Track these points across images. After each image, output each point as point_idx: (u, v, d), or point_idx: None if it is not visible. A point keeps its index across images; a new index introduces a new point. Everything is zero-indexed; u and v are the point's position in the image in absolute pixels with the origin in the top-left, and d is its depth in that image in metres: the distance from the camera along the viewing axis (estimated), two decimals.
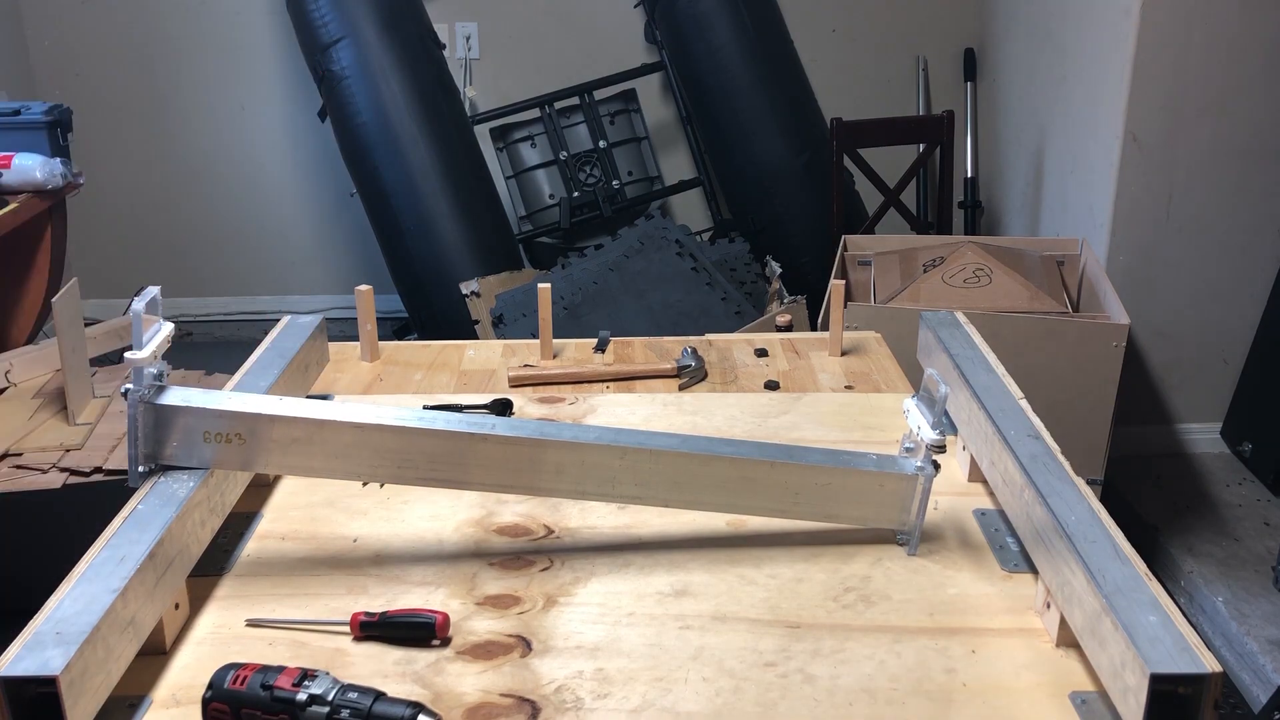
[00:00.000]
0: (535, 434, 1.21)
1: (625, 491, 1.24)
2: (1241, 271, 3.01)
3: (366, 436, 1.18)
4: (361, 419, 1.18)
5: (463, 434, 1.19)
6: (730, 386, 1.73)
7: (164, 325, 1.21)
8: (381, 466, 1.20)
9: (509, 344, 1.92)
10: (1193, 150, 2.89)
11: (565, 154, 3.84)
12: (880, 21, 4.09)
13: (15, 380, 2.81)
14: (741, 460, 1.23)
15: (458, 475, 1.21)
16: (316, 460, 1.20)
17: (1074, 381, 2.50)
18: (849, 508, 1.26)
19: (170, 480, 1.20)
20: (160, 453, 1.19)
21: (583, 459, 1.21)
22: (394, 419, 1.19)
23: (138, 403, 1.16)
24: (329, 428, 1.18)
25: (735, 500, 1.25)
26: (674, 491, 1.24)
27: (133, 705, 1.02)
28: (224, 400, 1.18)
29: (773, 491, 1.24)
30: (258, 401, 1.19)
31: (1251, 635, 2.42)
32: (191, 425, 1.18)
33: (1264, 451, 2.99)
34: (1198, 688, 0.90)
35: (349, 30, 3.46)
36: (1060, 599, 1.07)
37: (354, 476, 1.24)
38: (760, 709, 1.01)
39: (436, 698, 1.02)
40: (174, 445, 1.19)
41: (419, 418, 1.20)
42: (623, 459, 1.21)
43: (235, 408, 1.17)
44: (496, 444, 1.20)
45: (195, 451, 1.19)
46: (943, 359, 1.52)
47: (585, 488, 1.23)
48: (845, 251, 3.00)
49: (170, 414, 1.17)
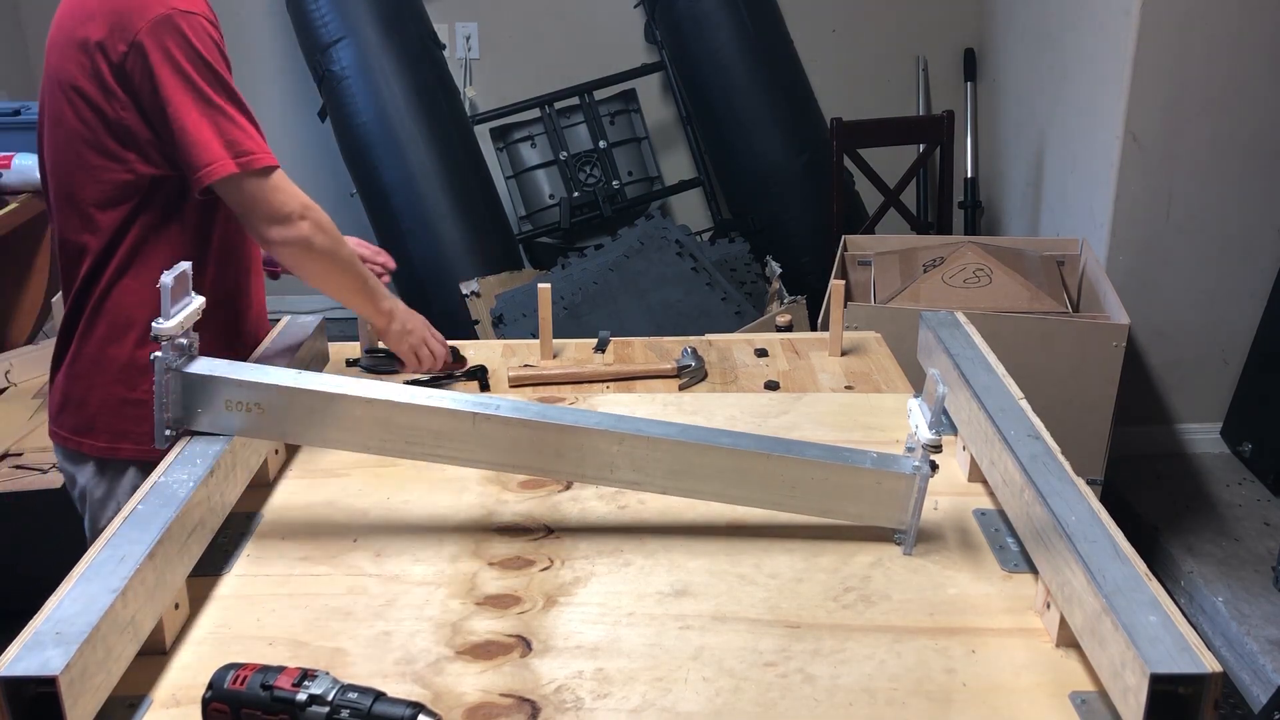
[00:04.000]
0: (537, 416, 1.24)
1: (623, 477, 1.26)
2: (1241, 271, 3.01)
3: (375, 411, 1.24)
4: (372, 394, 1.24)
5: (466, 413, 1.23)
6: (730, 386, 1.73)
7: (194, 299, 1.29)
8: (389, 441, 1.25)
9: (509, 344, 1.92)
10: (1193, 150, 2.89)
11: (565, 154, 3.84)
12: (880, 21, 4.08)
13: (15, 380, 2.81)
14: (739, 451, 1.24)
15: (461, 453, 1.25)
16: (330, 431, 1.26)
17: (1074, 381, 2.50)
18: (845, 504, 1.26)
19: (170, 479, 1.20)
20: (185, 419, 1.27)
21: (582, 442, 1.24)
22: (403, 395, 1.24)
23: (165, 370, 1.24)
24: (341, 401, 1.24)
25: (731, 490, 1.26)
26: (671, 479, 1.26)
27: (133, 705, 1.02)
28: (246, 372, 1.27)
29: (769, 483, 1.25)
30: (277, 374, 1.26)
31: (1251, 635, 2.41)
32: (215, 394, 1.26)
33: (1264, 451, 2.98)
34: (1198, 688, 0.90)
35: (349, 30, 3.46)
36: (1060, 599, 1.07)
37: (365, 449, 1.28)
38: (760, 709, 1.01)
39: (436, 698, 1.02)
40: (198, 412, 1.26)
41: (427, 395, 1.25)
42: (621, 445, 1.23)
43: (256, 379, 1.25)
44: (499, 424, 1.23)
45: (218, 419, 1.27)
46: (943, 359, 1.52)
47: (584, 470, 1.26)
48: (845, 251, 3.00)
49: (196, 382, 1.25)
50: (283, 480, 1.43)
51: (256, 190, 1.46)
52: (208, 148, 1.43)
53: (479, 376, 1.74)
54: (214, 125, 1.44)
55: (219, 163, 1.43)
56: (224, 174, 1.44)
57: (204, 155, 1.43)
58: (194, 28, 1.44)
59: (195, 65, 1.43)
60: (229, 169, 1.44)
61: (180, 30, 1.42)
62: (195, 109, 1.43)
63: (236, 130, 1.45)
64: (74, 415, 1.61)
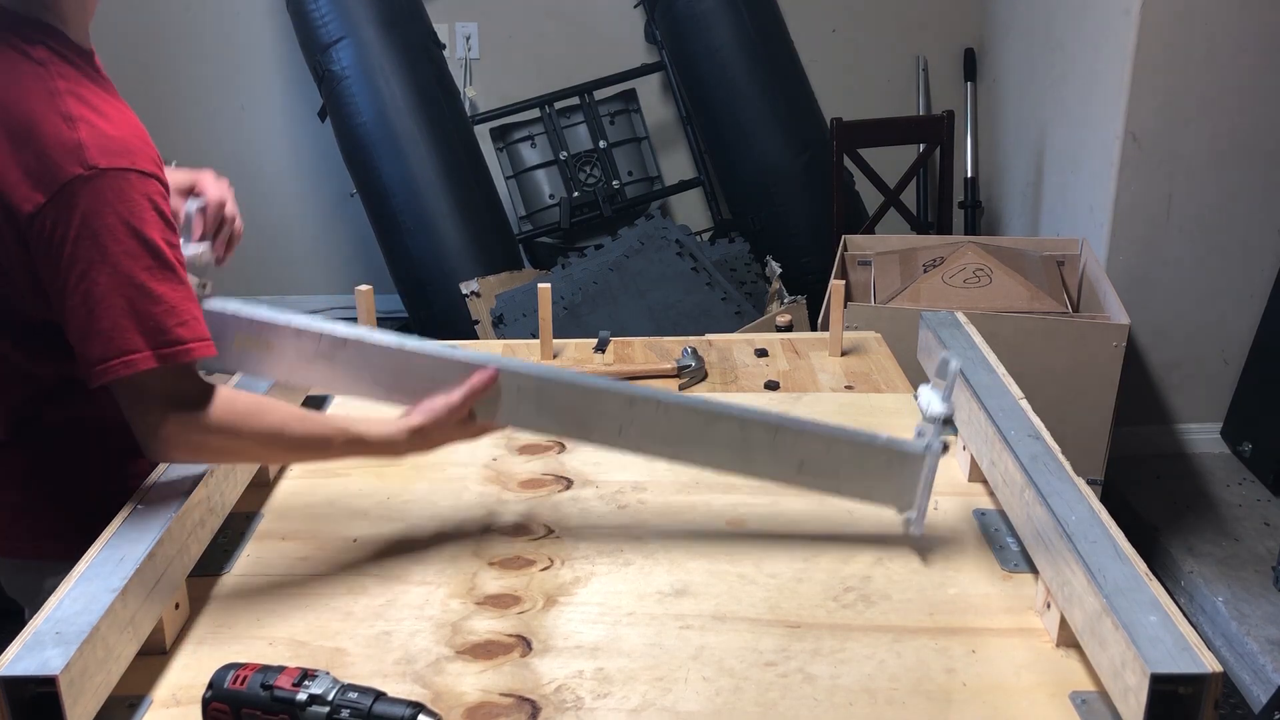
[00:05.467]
0: (545, 374, 1.24)
1: (630, 441, 1.25)
2: (1241, 271, 3.01)
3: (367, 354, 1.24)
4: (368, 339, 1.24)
5: (461, 362, 1.22)
6: (730, 386, 1.73)
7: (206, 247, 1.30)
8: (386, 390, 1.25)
9: (509, 344, 1.92)
10: (1193, 150, 2.89)
11: (565, 154, 3.84)
12: (880, 21, 4.08)
13: None
14: (748, 421, 1.24)
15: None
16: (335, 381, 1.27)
17: (1074, 381, 2.50)
18: (852, 481, 1.26)
19: (170, 479, 1.20)
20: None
21: (591, 403, 1.23)
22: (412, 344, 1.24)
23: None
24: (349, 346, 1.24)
25: (738, 462, 1.26)
26: (679, 446, 1.25)
27: (133, 705, 1.02)
28: (256, 311, 1.27)
29: (777, 456, 1.24)
30: (286, 316, 1.27)
31: (1251, 635, 2.41)
32: (226, 330, 1.25)
33: (1264, 451, 2.98)
34: (1198, 688, 0.90)
35: (349, 30, 3.46)
36: (1060, 599, 1.07)
37: (363, 395, 1.27)
38: (760, 709, 1.01)
39: (436, 697, 1.02)
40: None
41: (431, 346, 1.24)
42: (631, 407, 1.23)
43: (265, 319, 1.26)
44: (504, 376, 1.22)
45: (228, 356, 1.27)
46: None
47: (591, 432, 1.25)
48: (845, 251, 2.99)
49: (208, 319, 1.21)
50: (283, 480, 1.43)
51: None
52: (114, 337, 1.10)
53: None
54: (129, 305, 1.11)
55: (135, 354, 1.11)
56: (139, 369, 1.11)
57: (108, 345, 1.11)
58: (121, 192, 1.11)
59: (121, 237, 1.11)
60: (145, 363, 1.11)
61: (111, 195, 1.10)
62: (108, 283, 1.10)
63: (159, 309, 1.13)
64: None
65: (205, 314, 1.18)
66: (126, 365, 1.10)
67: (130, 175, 1.12)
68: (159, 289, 1.12)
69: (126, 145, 1.13)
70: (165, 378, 1.12)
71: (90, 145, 1.10)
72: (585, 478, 1.43)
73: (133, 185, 1.12)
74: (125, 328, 1.10)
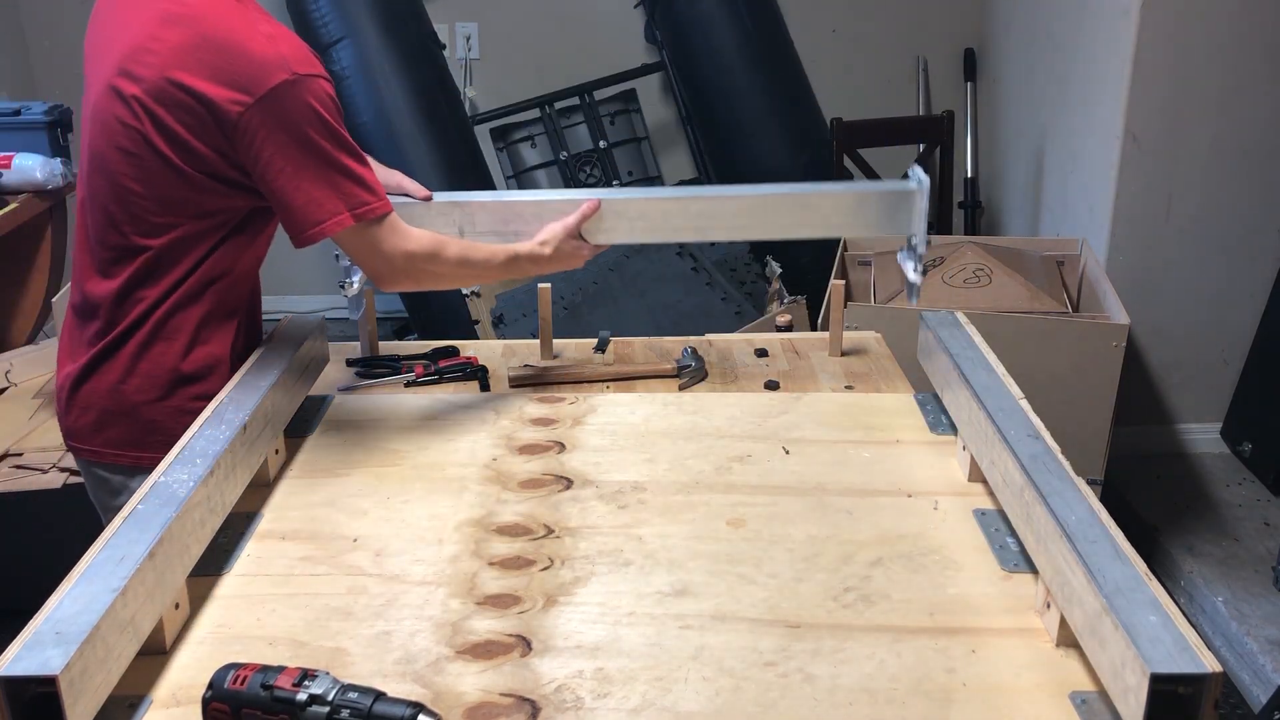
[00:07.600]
0: (631, 194, 1.66)
1: (698, 232, 1.72)
2: (1241, 271, 3.01)
3: (487, 209, 1.66)
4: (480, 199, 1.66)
5: (563, 201, 1.65)
6: (730, 386, 1.73)
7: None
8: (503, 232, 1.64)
9: (509, 344, 1.92)
10: (1193, 150, 2.89)
11: (565, 154, 3.84)
12: (880, 21, 4.08)
13: (15, 380, 2.81)
14: (760, 197, 1.63)
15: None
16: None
17: (1074, 381, 2.50)
18: (856, 218, 1.65)
19: (170, 479, 1.20)
20: None
21: (663, 210, 1.66)
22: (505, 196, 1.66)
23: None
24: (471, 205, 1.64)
25: (750, 224, 1.65)
26: (693, 220, 1.64)
27: (133, 705, 1.02)
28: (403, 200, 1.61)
29: (784, 210, 1.63)
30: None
31: (1251, 635, 2.41)
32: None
33: (1264, 451, 2.98)
34: (1198, 688, 0.90)
35: (349, 30, 3.46)
36: (1060, 599, 1.07)
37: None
38: (760, 709, 1.01)
39: (436, 697, 1.02)
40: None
41: (520, 194, 1.66)
42: (693, 204, 1.64)
43: (407, 203, 1.62)
44: (605, 204, 1.64)
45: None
46: (943, 359, 1.53)
47: (664, 231, 1.71)
48: (845, 251, 3.00)
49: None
50: (283, 480, 1.43)
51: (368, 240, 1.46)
52: (321, 204, 1.40)
53: (479, 377, 1.74)
54: (329, 182, 1.40)
55: (335, 218, 1.41)
56: (341, 228, 1.41)
57: (317, 211, 1.40)
58: (314, 92, 1.40)
59: (317, 129, 1.39)
60: (345, 223, 1.41)
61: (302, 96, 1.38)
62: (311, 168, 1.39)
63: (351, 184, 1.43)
64: (125, 429, 1.52)
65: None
66: (337, 224, 1.40)
67: (319, 79, 1.41)
68: (348, 163, 1.41)
69: (309, 56, 1.41)
70: (366, 231, 1.43)
71: (290, 57, 1.38)
72: (585, 478, 1.43)
73: (321, 86, 1.41)
74: (327, 196, 1.40)
